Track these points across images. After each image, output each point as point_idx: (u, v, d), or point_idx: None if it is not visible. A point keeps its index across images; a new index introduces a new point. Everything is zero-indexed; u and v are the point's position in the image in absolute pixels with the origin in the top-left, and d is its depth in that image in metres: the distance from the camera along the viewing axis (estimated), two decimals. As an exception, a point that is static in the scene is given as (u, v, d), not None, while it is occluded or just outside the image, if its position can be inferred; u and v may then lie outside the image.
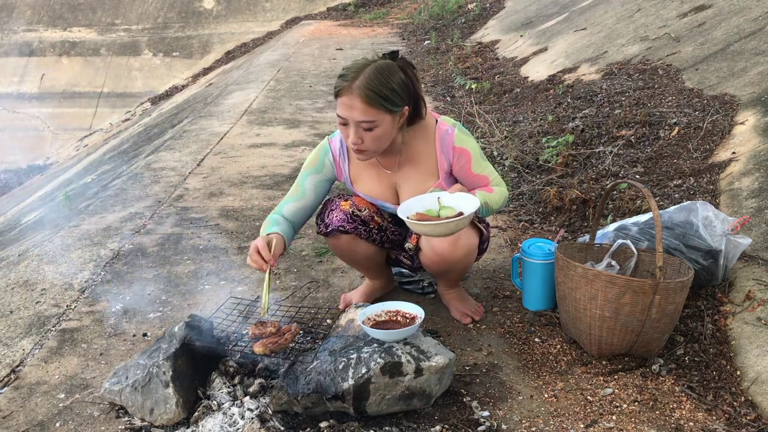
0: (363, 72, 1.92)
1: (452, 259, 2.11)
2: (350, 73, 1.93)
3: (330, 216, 2.18)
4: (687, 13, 5.37)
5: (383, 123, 1.95)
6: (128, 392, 1.80)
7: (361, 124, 1.93)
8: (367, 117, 1.92)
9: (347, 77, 1.93)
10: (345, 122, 1.96)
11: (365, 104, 1.90)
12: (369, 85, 1.90)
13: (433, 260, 2.14)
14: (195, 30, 13.26)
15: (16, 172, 10.12)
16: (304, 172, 2.20)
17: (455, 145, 2.11)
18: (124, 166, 4.86)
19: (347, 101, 1.92)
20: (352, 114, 1.93)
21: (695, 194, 2.90)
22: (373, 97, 1.90)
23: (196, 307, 2.42)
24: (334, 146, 2.19)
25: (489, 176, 2.16)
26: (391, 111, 1.95)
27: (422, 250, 2.17)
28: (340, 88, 1.94)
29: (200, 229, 3.14)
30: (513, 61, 6.76)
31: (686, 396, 1.89)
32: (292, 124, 5.23)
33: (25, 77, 12.64)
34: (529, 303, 2.38)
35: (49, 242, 3.06)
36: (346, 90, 1.92)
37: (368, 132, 1.95)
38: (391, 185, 2.19)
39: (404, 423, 1.76)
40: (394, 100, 1.94)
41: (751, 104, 3.41)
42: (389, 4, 13.86)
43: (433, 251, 2.10)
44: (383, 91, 1.91)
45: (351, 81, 1.91)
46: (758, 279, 2.24)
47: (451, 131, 2.11)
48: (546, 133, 4.05)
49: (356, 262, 2.31)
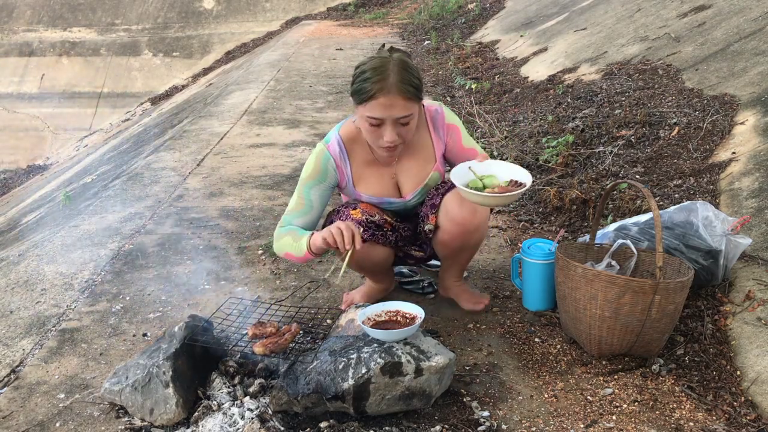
0: (390, 69, 1.93)
1: (471, 228, 2.12)
2: (376, 74, 1.92)
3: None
4: (687, 13, 5.37)
5: (415, 114, 2.00)
6: (128, 392, 1.80)
7: (400, 120, 1.96)
8: (407, 112, 1.95)
9: (373, 79, 1.92)
10: (380, 123, 1.96)
11: (405, 99, 1.93)
12: (404, 80, 1.93)
13: (452, 234, 2.14)
14: (195, 30, 13.26)
15: (16, 172, 10.12)
16: (308, 183, 2.14)
17: (447, 122, 2.18)
18: (124, 166, 4.86)
19: (386, 101, 1.92)
20: (392, 112, 1.94)
21: (695, 194, 2.90)
22: (411, 91, 1.94)
23: (196, 307, 2.42)
24: (333, 152, 2.15)
25: (476, 148, 2.23)
26: (420, 100, 2.01)
27: (441, 227, 2.17)
28: (375, 90, 1.92)
29: (200, 229, 3.14)
30: (513, 61, 6.76)
31: (686, 396, 1.89)
32: (292, 124, 5.23)
33: (25, 77, 12.64)
34: (529, 303, 2.37)
35: (49, 242, 3.06)
36: (383, 90, 1.91)
37: (404, 127, 1.99)
38: (391, 179, 2.20)
39: (404, 423, 1.76)
40: (421, 89, 2.00)
41: (751, 104, 3.41)
42: (389, 4, 13.85)
43: (453, 222, 2.11)
44: (416, 83, 1.97)
45: (382, 81, 1.91)
46: (758, 279, 2.23)
47: (440, 110, 2.18)
48: (546, 133, 4.05)
49: (367, 268, 2.28)
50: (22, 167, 10.29)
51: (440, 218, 2.16)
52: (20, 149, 11.02)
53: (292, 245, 2.06)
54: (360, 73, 1.98)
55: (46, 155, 10.91)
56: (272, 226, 3.17)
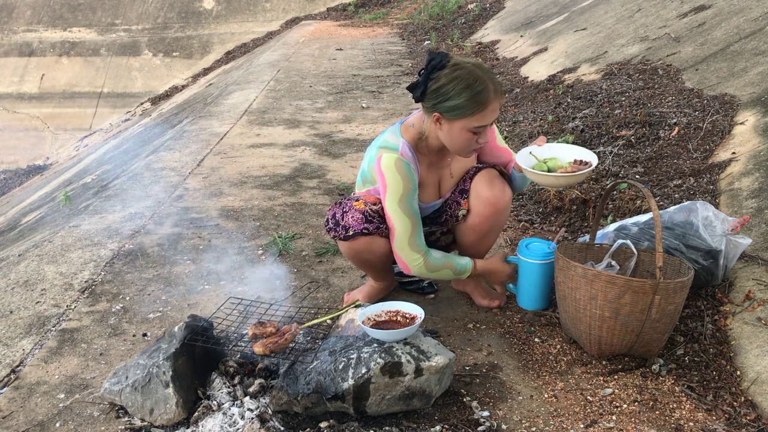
0: (485, 80, 1.98)
1: (502, 205, 2.19)
2: (476, 91, 1.96)
3: (346, 218, 2.15)
4: (687, 13, 5.37)
5: None
6: (128, 392, 1.80)
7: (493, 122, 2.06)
8: (497, 113, 2.06)
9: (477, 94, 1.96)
10: (481, 129, 2.03)
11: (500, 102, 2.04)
12: (498, 82, 2.03)
13: (484, 215, 2.20)
14: (195, 30, 13.26)
15: (16, 172, 10.12)
16: (407, 197, 2.08)
17: None
18: (124, 166, 4.86)
19: (495, 106, 2.02)
20: (495, 115, 2.04)
21: (695, 194, 2.90)
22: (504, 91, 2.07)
23: (196, 307, 2.42)
24: (407, 157, 2.10)
25: (508, 147, 2.32)
26: None
27: (472, 211, 2.22)
28: (484, 103, 1.97)
29: (200, 229, 3.14)
30: (513, 61, 6.76)
31: (686, 396, 1.89)
32: (292, 124, 5.23)
33: (25, 77, 12.64)
34: (524, 302, 2.37)
35: (49, 242, 3.06)
36: (492, 98, 1.99)
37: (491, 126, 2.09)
38: (437, 182, 2.24)
39: (404, 423, 1.76)
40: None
41: (751, 104, 3.41)
42: (389, 4, 13.86)
43: (486, 203, 2.18)
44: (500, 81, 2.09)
45: (487, 92, 1.97)
46: (758, 279, 2.23)
47: None
48: (546, 133, 4.05)
49: (368, 262, 2.25)
50: (22, 167, 10.30)
51: (472, 202, 2.21)
52: (20, 149, 11.02)
53: (452, 276, 2.21)
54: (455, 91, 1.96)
55: (46, 155, 10.91)
56: (272, 226, 3.17)
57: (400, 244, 2.11)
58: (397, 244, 2.12)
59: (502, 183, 2.20)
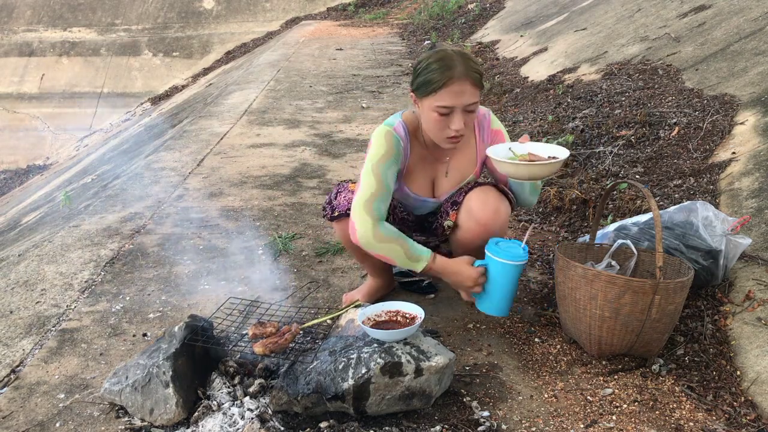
0: (455, 59, 1.95)
1: (494, 228, 2.11)
2: (443, 64, 1.94)
3: (338, 198, 2.16)
4: (687, 13, 5.37)
5: (478, 102, 2.02)
6: (128, 392, 1.80)
7: (469, 107, 1.98)
8: (474, 98, 1.98)
9: (442, 69, 1.94)
10: (449, 111, 1.97)
11: (473, 86, 1.97)
12: (471, 67, 1.96)
13: (474, 233, 2.13)
14: (195, 30, 13.26)
15: (16, 172, 10.12)
16: (385, 163, 2.04)
17: (492, 128, 2.20)
18: (124, 166, 4.86)
19: (457, 88, 1.94)
20: (462, 99, 1.96)
21: (695, 194, 2.90)
22: (478, 78, 1.98)
23: (196, 307, 2.42)
24: (400, 134, 2.10)
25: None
26: (483, 88, 2.04)
27: (461, 226, 2.16)
28: (445, 79, 1.94)
29: (200, 229, 3.14)
30: (513, 61, 6.76)
31: (686, 396, 1.89)
32: (292, 124, 5.23)
33: (25, 77, 12.64)
34: (484, 305, 2.12)
35: (49, 242, 3.06)
36: (453, 78, 1.94)
37: (470, 114, 2.00)
38: (431, 178, 2.21)
39: (404, 423, 1.76)
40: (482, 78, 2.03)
41: (751, 104, 3.41)
42: (389, 4, 13.86)
43: (476, 222, 2.11)
44: (480, 70, 2.00)
45: (452, 69, 1.94)
46: (758, 279, 2.23)
47: (488, 115, 2.21)
48: (546, 133, 4.05)
49: (369, 260, 2.24)
50: (22, 167, 10.30)
51: (462, 216, 2.15)
52: (20, 149, 11.02)
53: (402, 258, 2.01)
54: (425, 66, 1.98)
55: (46, 155, 10.91)
56: (272, 226, 3.17)
57: (357, 202, 2.01)
58: (354, 202, 2.02)
59: (497, 203, 2.10)
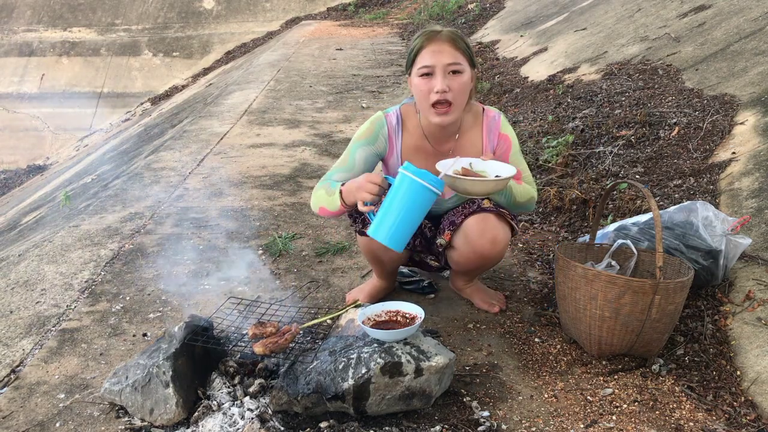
0: (437, 27, 2.05)
1: (490, 257, 2.15)
2: (428, 30, 2.03)
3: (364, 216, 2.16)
4: (687, 13, 5.37)
5: (466, 72, 2.03)
6: (128, 392, 1.80)
7: (450, 66, 1.99)
8: (455, 59, 1.99)
9: (426, 33, 2.02)
10: (430, 71, 2.00)
11: (453, 47, 2.00)
12: (454, 33, 2.03)
13: (469, 258, 2.16)
14: (195, 30, 13.26)
15: (16, 172, 10.12)
16: (356, 143, 2.16)
17: (501, 131, 2.19)
18: (124, 166, 4.86)
19: (435, 47, 1.99)
20: (441, 58, 1.99)
21: (695, 194, 2.90)
22: (460, 42, 2.02)
23: (196, 307, 2.42)
24: (390, 121, 2.17)
25: (522, 172, 2.22)
26: (471, 62, 2.04)
27: (457, 249, 2.18)
28: (425, 39, 2.00)
29: (200, 229, 3.14)
30: (513, 61, 6.76)
31: (686, 396, 1.89)
32: (292, 124, 5.23)
33: (25, 77, 12.64)
34: (375, 230, 1.82)
35: (49, 242, 3.06)
36: (432, 39, 2.00)
37: (455, 77, 2.00)
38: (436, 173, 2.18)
39: (404, 423, 1.76)
40: (472, 52, 2.06)
41: (751, 104, 3.41)
42: (389, 4, 13.85)
43: (472, 249, 2.13)
44: (466, 41, 2.05)
45: (435, 33, 2.02)
46: (758, 279, 2.23)
47: (498, 117, 2.20)
48: (546, 133, 4.05)
49: (381, 261, 2.29)
50: (22, 167, 10.30)
51: (458, 240, 2.16)
52: (20, 149, 11.02)
53: (326, 199, 2.06)
54: (412, 41, 2.07)
55: (46, 155, 10.91)
56: (272, 226, 3.17)
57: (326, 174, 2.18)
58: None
59: (495, 232, 2.09)
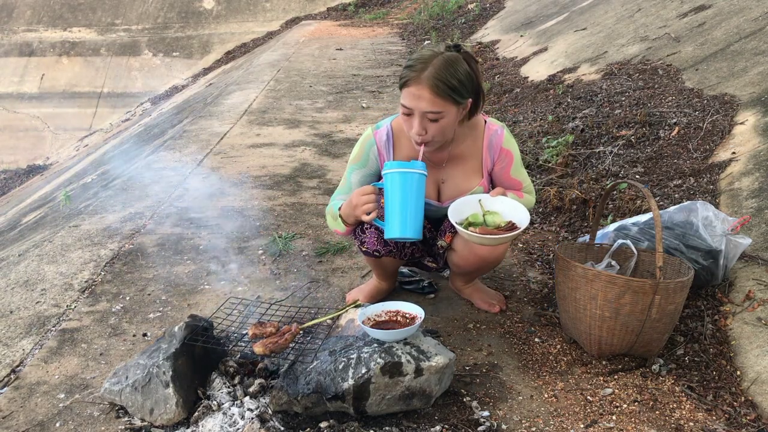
0: (431, 63, 1.92)
1: (490, 260, 2.18)
2: (418, 64, 1.93)
3: (362, 236, 2.18)
4: (687, 13, 5.37)
5: (449, 114, 1.96)
6: (128, 392, 1.80)
7: (428, 114, 1.94)
8: (434, 108, 1.92)
9: (415, 68, 1.93)
10: (410, 112, 1.96)
11: (434, 95, 1.91)
12: (438, 76, 1.90)
13: (469, 261, 2.19)
14: (195, 30, 13.26)
15: (16, 172, 10.12)
16: (350, 167, 2.20)
17: (503, 146, 2.15)
18: (124, 166, 4.86)
19: (415, 91, 1.92)
20: (419, 104, 1.93)
21: (695, 194, 2.90)
22: (441, 88, 1.91)
23: (196, 307, 2.42)
24: (379, 138, 2.16)
25: (523, 182, 2.23)
26: (457, 102, 1.96)
27: (457, 252, 2.21)
28: (408, 78, 1.93)
29: (200, 229, 3.14)
30: (513, 61, 6.76)
31: (686, 396, 1.89)
32: (292, 124, 5.23)
33: (25, 77, 12.64)
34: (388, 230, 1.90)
35: (49, 242, 3.06)
36: (414, 80, 1.92)
37: (433, 123, 1.96)
38: (435, 181, 2.20)
39: (404, 423, 1.76)
40: (460, 91, 1.95)
41: (751, 104, 3.41)
42: (389, 4, 13.86)
43: (472, 253, 2.15)
44: (451, 82, 1.92)
45: (419, 72, 1.91)
46: (758, 279, 2.24)
47: (500, 132, 2.16)
48: (546, 133, 4.05)
49: (381, 267, 2.32)
50: (22, 167, 10.29)
51: (458, 242, 2.19)
52: (20, 149, 11.02)
53: (334, 224, 2.14)
54: (408, 59, 2.00)
55: (46, 155, 10.91)
56: (272, 226, 3.17)
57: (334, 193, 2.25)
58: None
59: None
